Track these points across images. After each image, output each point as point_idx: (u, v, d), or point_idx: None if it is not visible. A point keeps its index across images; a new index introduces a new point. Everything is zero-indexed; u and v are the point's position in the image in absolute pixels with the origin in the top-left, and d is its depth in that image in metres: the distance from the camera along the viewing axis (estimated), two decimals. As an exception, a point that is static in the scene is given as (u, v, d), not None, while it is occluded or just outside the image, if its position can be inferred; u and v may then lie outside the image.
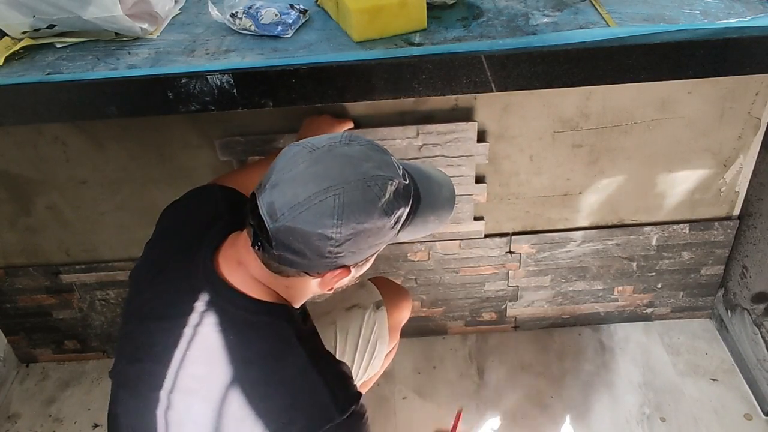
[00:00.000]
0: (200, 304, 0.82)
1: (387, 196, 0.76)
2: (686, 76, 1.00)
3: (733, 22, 0.98)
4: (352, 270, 0.82)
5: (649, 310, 1.81)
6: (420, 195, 0.85)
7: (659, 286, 1.74)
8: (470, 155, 1.42)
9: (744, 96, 1.38)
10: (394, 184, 0.78)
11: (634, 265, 1.68)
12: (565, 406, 1.64)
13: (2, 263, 1.65)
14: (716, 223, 1.60)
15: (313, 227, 0.74)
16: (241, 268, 0.82)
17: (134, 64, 1.01)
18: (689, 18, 1.01)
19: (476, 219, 1.57)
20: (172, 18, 1.14)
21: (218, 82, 0.98)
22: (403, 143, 1.39)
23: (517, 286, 1.73)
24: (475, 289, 1.73)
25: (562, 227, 1.61)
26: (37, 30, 1.04)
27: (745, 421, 1.57)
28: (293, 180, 0.75)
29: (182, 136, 1.40)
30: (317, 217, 0.73)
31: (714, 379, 1.67)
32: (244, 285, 0.82)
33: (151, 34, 1.08)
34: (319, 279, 0.82)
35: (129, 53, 1.04)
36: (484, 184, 1.49)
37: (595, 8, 1.06)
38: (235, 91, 0.99)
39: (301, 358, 0.80)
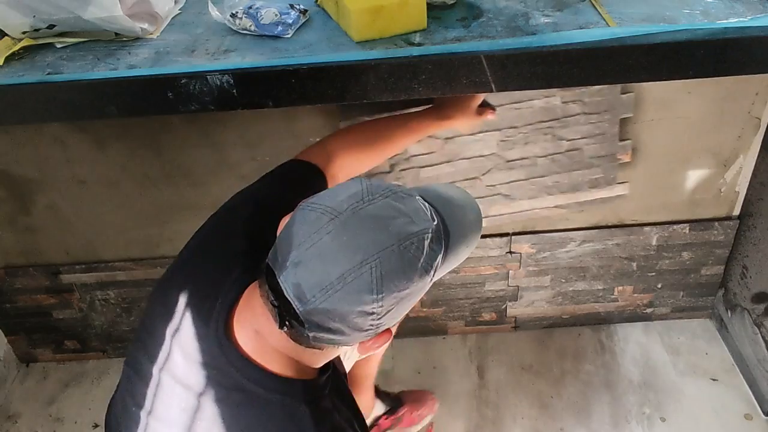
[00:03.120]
0: (213, 373, 0.75)
1: (425, 252, 0.68)
2: (686, 76, 0.99)
3: (733, 22, 0.98)
4: (393, 329, 0.75)
5: (649, 310, 1.81)
6: (448, 229, 0.75)
7: (659, 286, 1.74)
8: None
9: (744, 96, 1.38)
10: (429, 236, 0.69)
11: (634, 265, 1.68)
12: (565, 406, 1.64)
13: (2, 263, 1.65)
14: (716, 223, 1.60)
15: (352, 306, 0.65)
16: (259, 337, 0.74)
17: (134, 64, 1.01)
18: (689, 18, 1.01)
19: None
20: (172, 18, 1.14)
21: (218, 82, 0.97)
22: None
23: (517, 286, 1.73)
24: (475, 289, 1.73)
25: (562, 227, 1.61)
26: (37, 30, 1.04)
27: (745, 421, 1.57)
28: (319, 256, 0.65)
29: (182, 137, 1.40)
30: (355, 295, 0.65)
31: (714, 379, 1.67)
32: (261, 356, 0.75)
33: (151, 34, 1.08)
34: (361, 346, 0.75)
35: (129, 53, 1.04)
36: None
37: (595, 8, 1.06)
38: (235, 91, 0.99)
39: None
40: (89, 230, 1.58)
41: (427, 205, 0.73)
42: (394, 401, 1.58)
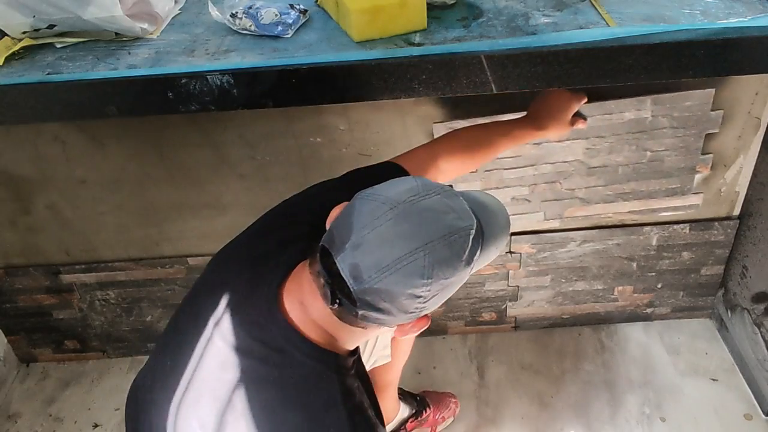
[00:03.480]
0: (257, 332, 0.82)
1: (469, 246, 0.76)
2: (686, 76, 0.99)
3: (733, 22, 0.98)
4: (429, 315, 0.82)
5: (649, 310, 1.81)
6: (483, 230, 0.82)
7: (659, 286, 1.74)
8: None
9: (744, 96, 1.38)
10: (472, 232, 0.77)
11: (634, 265, 1.68)
12: (565, 406, 1.64)
13: (2, 263, 1.65)
14: (716, 223, 1.60)
15: (403, 288, 0.72)
16: (303, 308, 0.81)
17: (134, 64, 1.01)
18: (689, 18, 1.01)
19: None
20: (172, 18, 1.14)
21: (218, 82, 0.98)
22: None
23: (517, 286, 1.73)
24: (475, 289, 1.73)
25: (562, 227, 1.61)
26: (37, 30, 1.04)
27: (745, 421, 1.57)
28: (378, 241, 0.73)
29: (182, 136, 1.40)
30: (407, 278, 0.72)
31: (714, 379, 1.67)
32: (302, 324, 0.81)
33: (151, 34, 1.08)
34: (400, 328, 0.82)
35: (129, 53, 1.04)
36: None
37: (595, 8, 1.06)
38: (235, 91, 0.99)
39: (340, 420, 0.79)
40: (89, 230, 1.58)
41: (467, 205, 0.80)
42: (419, 404, 1.60)
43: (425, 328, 0.82)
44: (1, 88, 0.98)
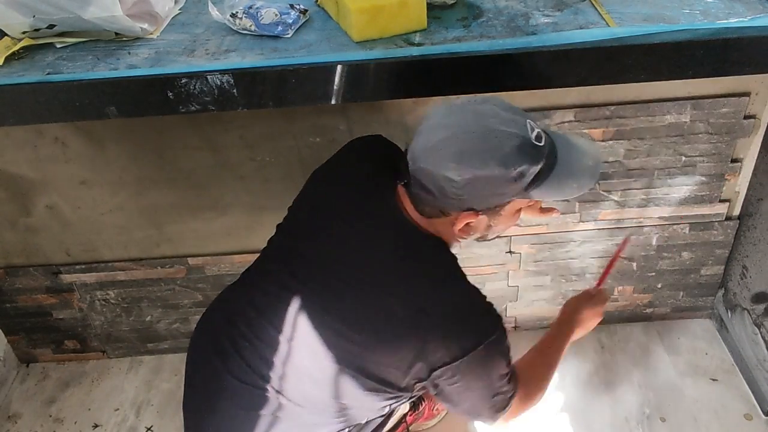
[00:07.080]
0: (382, 221, 0.99)
1: (506, 149, 0.86)
2: (686, 76, 1.00)
3: (733, 22, 0.98)
4: (481, 216, 0.93)
5: (649, 310, 1.81)
6: (556, 158, 0.92)
7: (659, 286, 1.74)
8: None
9: (744, 96, 1.38)
10: (515, 140, 0.87)
11: (634, 265, 1.68)
12: (565, 406, 1.64)
13: (2, 263, 1.65)
14: (716, 223, 1.60)
15: (438, 169, 0.88)
16: (410, 208, 0.98)
17: (134, 64, 1.01)
18: (689, 18, 1.01)
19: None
20: (172, 18, 1.14)
21: (218, 82, 0.98)
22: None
23: (517, 286, 1.73)
24: (475, 289, 1.73)
25: (562, 228, 1.61)
26: (37, 30, 1.04)
27: (745, 421, 1.57)
28: (429, 128, 0.91)
29: (182, 138, 1.40)
30: (441, 160, 0.87)
31: (714, 379, 1.67)
32: (415, 218, 0.98)
33: (151, 34, 1.08)
34: (455, 222, 0.94)
35: (129, 53, 1.04)
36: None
37: (595, 8, 1.06)
38: (235, 91, 0.99)
39: (463, 282, 0.98)
40: (89, 230, 1.58)
41: (536, 129, 0.90)
42: (416, 398, 1.60)
43: (481, 226, 0.96)
44: (1, 88, 0.98)
